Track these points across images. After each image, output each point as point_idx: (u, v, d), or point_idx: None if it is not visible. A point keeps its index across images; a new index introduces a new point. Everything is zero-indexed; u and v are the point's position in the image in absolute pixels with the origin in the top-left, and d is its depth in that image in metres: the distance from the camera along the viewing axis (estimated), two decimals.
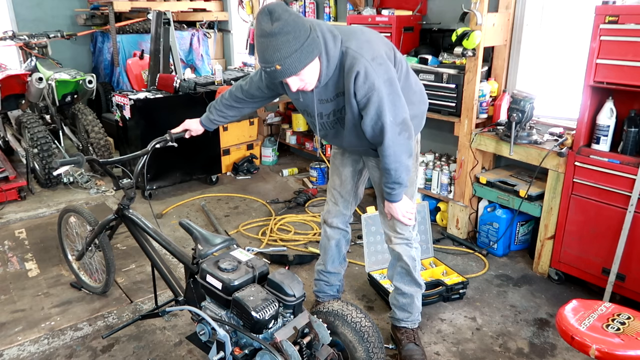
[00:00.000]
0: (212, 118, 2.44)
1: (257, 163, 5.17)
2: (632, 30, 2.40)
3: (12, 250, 3.51)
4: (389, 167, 2.04)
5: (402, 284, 2.43)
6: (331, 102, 2.04)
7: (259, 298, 1.75)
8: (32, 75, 4.36)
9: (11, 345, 2.52)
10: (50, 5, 6.25)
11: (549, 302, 2.88)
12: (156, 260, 2.41)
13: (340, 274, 2.70)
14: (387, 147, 1.99)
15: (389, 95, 1.92)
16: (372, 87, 1.88)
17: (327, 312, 1.98)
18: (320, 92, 2.01)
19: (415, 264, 2.39)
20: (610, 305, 1.98)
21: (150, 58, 4.97)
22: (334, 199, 2.51)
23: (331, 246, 2.59)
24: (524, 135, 3.07)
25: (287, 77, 1.81)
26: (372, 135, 2.01)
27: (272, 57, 1.71)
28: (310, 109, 2.10)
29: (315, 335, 1.84)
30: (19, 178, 4.33)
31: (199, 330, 1.88)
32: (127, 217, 2.45)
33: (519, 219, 3.32)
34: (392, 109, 1.94)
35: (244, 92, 2.33)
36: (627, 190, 2.59)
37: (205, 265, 1.92)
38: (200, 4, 6.33)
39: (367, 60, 1.86)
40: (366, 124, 1.97)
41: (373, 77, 1.87)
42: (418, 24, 3.82)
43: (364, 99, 1.91)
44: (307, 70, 1.82)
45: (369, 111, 1.93)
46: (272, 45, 1.70)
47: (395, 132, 1.97)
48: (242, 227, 3.84)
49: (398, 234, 2.33)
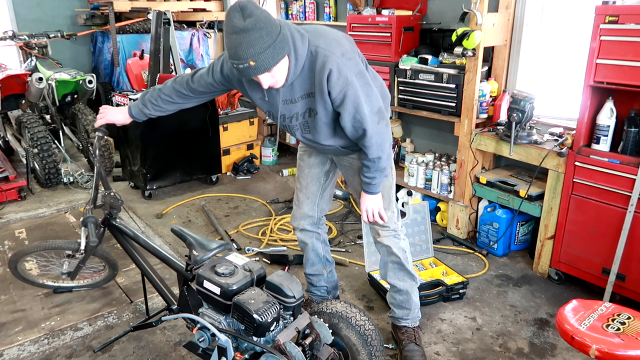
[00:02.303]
0: (147, 112, 2.34)
1: (257, 163, 5.17)
2: (632, 30, 2.40)
3: (12, 250, 3.50)
4: (373, 156, 2.06)
5: (396, 280, 2.42)
6: (297, 104, 2.02)
7: (260, 301, 1.73)
8: (32, 75, 4.36)
9: (11, 345, 2.52)
10: (50, 5, 6.25)
11: (549, 302, 2.88)
12: (146, 269, 2.37)
13: (323, 275, 2.67)
14: (370, 137, 2.01)
15: (362, 87, 1.94)
16: (346, 81, 1.88)
17: (330, 314, 1.97)
18: (286, 92, 1.99)
19: (406, 256, 2.39)
20: (610, 305, 1.98)
21: (150, 58, 4.97)
22: (298, 201, 2.51)
23: (307, 250, 2.60)
24: (524, 135, 3.07)
25: (260, 74, 1.79)
26: (352, 130, 2.02)
27: (245, 53, 1.69)
28: (274, 109, 2.07)
29: (316, 336, 1.83)
30: (19, 178, 4.33)
31: (198, 337, 1.84)
32: (114, 227, 2.39)
33: (519, 219, 3.32)
34: (368, 100, 1.96)
35: (190, 89, 2.23)
36: (627, 190, 2.59)
37: (201, 271, 1.88)
38: (200, 4, 6.33)
39: (338, 57, 1.87)
40: (345, 120, 1.98)
41: (346, 72, 1.88)
42: (418, 24, 3.82)
43: (340, 94, 1.91)
44: (279, 66, 1.81)
45: (346, 106, 1.94)
46: (246, 42, 1.68)
47: (375, 121, 1.99)
48: (242, 227, 3.84)
49: (384, 227, 2.34)
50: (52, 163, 4.38)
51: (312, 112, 2.03)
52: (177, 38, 5.59)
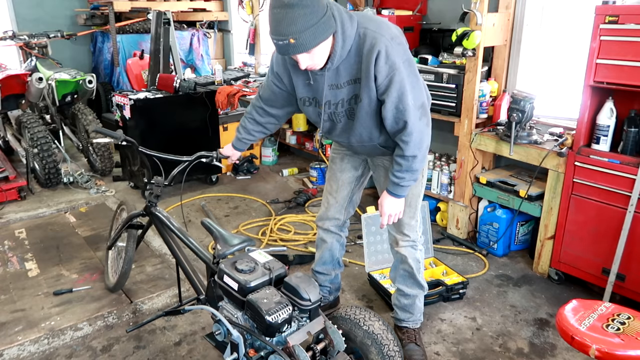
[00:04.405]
0: (240, 137, 2.38)
1: (257, 163, 5.17)
2: (632, 30, 2.40)
3: (12, 250, 3.51)
4: (408, 154, 1.95)
5: (404, 286, 2.42)
6: (342, 89, 1.95)
7: (272, 301, 1.73)
8: (32, 75, 4.36)
9: (11, 345, 2.52)
10: (50, 5, 6.25)
11: (549, 302, 2.88)
12: (180, 258, 2.42)
13: (330, 276, 2.66)
14: (409, 133, 1.91)
15: (408, 76, 1.86)
16: (393, 66, 1.81)
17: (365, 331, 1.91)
18: (331, 77, 1.92)
19: (419, 266, 2.37)
20: (610, 305, 1.98)
21: (150, 58, 4.97)
22: (327, 203, 2.48)
23: (324, 249, 2.58)
24: (524, 135, 3.07)
25: (298, 53, 1.73)
26: (392, 122, 1.92)
27: (287, 29, 1.65)
28: (319, 95, 2.01)
29: (330, 342, 1.80)
30: (19, 178, 4.33)
31: (215, 330, 1.88)
32: (154, 215, 2.48)
33: (519, 219, 3.32)
34: (412, 91, 1.87)
35: (263, 99, 2.26)
36: (627, 190, 2.59)
37: (223, 265, 1.91)
38: (200, 4, 6.33)
39: (387, 39, 1.81)
40: (387, 110, 1.89)
41: (394, 57, 1.81)
42: (418, 24, 3.82)
43: (386, 79, 1.83)
44: (319, 48, 1.75)
45: (390, 93, 1.85)
46: (289, 17, 1.63)
47: (417, 116, 1.90)
48: (242, 227, 3.84)
49: (405, 236, 2.30)
50: (52, 163, 4.38)
51: (357, 98, 1.95)
52: (177, 38, 5.59)
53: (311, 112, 2.14)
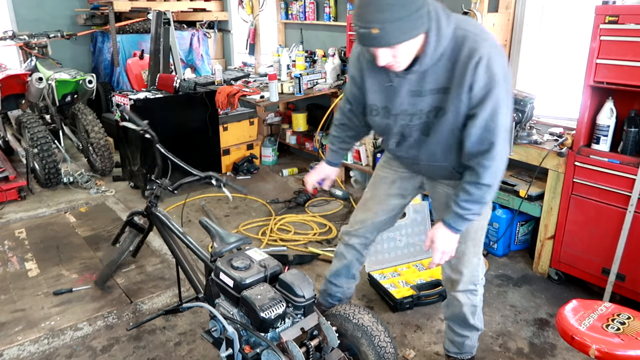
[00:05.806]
0: (334, 148, 2.20)
1: (257, 163, 5.16)
2: (632, 30, 2.40)
3: (12, 250, 3.51)
4: (484, 181, 1.70)
5: (455, 326, 2.20)
6: (424, 98, 1.71)
7: (266, 297, 1.76)
8: (32, 75, 4.36)
9: (11, 345, 2.52)
10: (50, 5, 6.25)
11: (549, 302, 2.88)
12: (180, 258, 2.45)
13: (343, 289, 2.44)
14: (493, 157, 1.67)
15: (506, 93, 1.64)
16: (493, 78, 1.59)
17: (356, 325, 1.91)
18: (414, 81, 1.69)
19: (475, 310, 2.10)
20: (610, 305, 1.98)
21: (150, 58, 4.97)
22: (361, 222, 2.23)
23: (342, 264, 2.37)
24: (524, 135, 3.07)
25: (380, 46, 1.54)
26: (477, 141, 1.67)
27: (372, 16, 1.46)
28: (392, 102, 1.78)
29: (324, 338, 1.83)
30: (19, 178, 4.33)
31: (211, 326, 1.91)
32: (155, 215, 2.51)
33: (519, 219, 3.32)
34: (507, 110, 1.65)
35: (347, 101, 2.07)
36: (627, 190, 2.59)
37: (220, 263, 1.94)
38: (200, 4, 6.34)
39: (491, 46, 1.60)
40: (475, 126, 1.65)
41: (496, 67, 1.59)
42: None
43: (483, 90, 1.60)
44: (404, 46, 1.54)
45: (484, 108, 1.61)
46: (377, 4, 1.46)
47: (504, 139, 1.67)
48: (242, 227, 3.84)
49: (463, 277, 2.00)
50: (52, 163, 4.38)
51: (440, 111, 1.70)
52: (177, 38, 5.59)
53: (378, 123, 1.90)
